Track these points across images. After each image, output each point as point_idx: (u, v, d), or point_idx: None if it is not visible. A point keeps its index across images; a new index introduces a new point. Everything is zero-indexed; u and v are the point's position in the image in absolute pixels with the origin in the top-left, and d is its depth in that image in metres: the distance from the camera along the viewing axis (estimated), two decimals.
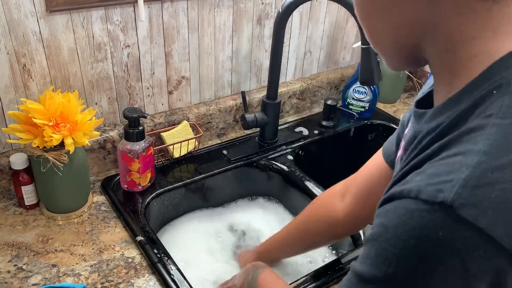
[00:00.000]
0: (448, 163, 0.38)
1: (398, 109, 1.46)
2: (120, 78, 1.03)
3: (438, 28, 0.43)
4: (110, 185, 1.03)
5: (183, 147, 1.11)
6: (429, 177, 0.38)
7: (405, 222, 0.37)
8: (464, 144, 0.38)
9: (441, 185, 0.36)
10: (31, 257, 0.85)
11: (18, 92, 0.92)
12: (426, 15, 0.43)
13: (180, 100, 1.16)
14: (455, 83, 0.43)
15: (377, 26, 0.49)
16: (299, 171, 1.13)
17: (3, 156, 0.95)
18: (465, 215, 0.35)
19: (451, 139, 0.40)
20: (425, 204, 0.37)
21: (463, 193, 0.35)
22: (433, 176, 0.38)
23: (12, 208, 0.96)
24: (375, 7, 0.47)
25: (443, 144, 0.40)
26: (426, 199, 0.37)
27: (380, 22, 0.48)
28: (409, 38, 0.46)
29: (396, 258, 0.38)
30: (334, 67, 1.46)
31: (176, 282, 0.80)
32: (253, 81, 1.27)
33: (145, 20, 1.00)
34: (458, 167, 0.37)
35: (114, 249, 0.88)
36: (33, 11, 0.86)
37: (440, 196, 0.36)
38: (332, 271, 0.85)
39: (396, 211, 0.39)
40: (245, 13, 1.15)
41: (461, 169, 0.36)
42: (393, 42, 0.48)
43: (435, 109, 0.45)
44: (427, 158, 0.41)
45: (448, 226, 0.35)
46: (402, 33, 0.46)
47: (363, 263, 0.42)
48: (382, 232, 0.40)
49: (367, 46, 1.00)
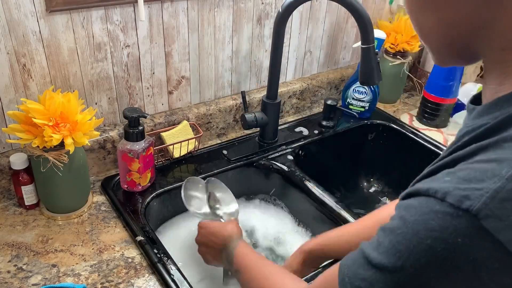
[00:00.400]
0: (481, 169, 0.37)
1: (398, 109, 1.46)
2: (120, 78, 1.03)
3: (495, 26, 0.41)
4: (110, 185, 1.03)
5: (183, 147, 1.11)
6: (459, 180, 0.37)
7: (426, 221, 0.37)
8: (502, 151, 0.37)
9: (469, 192, 0.36)
10: (31, 257, 0.85)
11: (18, 92, 0.92)
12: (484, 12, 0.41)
13: (180, 100, 1.16)
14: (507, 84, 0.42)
15: (429, 22, 0.46)
16: (299, 171, 1.13)
17: (3, 156, 0.95)
18: (488, 226, 0.35)
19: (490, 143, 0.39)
20: (450, 207, 0.36)
21: (491, 204, 0.35)
22: (463, 181, 0.37)
23: (12, 208, 0.96)
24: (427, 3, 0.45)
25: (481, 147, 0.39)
26: (452, 203, 0.36)
27: (432, 18, 0.45)
28: (463, 36, 0.44)
29: (408, 253, 0.38)
30: (334, 67, 1.46)
31: (176, 282, 0.80)
32: (253, 81, 1.27)
33: (145, 20, 1.00)
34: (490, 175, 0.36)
35: (114, 249, 0.88)
36: (33, 11, 0.86)
37: (466, 203, 0.36)
38: None
39: (419, 208, 0.39)
40: (245, 13, 1.15)
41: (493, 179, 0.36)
42: (444, 39, 0.46)
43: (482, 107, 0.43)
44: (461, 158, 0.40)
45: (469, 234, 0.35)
46: (455, 30, 0.44)
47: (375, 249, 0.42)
48: (401, 225, 0.39)
49: (367, 46, 1.00)
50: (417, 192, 0.40)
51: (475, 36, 0.43)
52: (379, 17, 1.46)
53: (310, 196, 1.07)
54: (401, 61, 1.39)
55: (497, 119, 0.40)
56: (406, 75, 1.44)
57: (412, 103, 1.50)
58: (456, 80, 1.30)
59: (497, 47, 0.42)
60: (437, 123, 1.36)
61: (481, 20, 0.42)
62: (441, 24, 0.45)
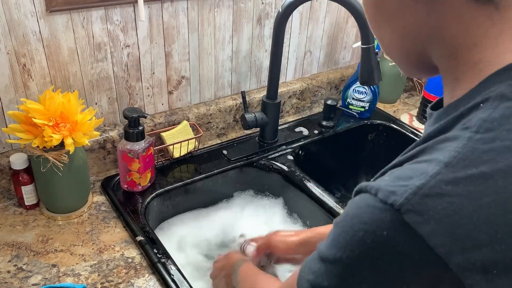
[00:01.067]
0: (412, 168, 0.40)
1: (398, 109, 1.46)
2: (120, 78, 1.03)
3: (440, 35, 0.43)
4: (110, 185, 1.03)
5: (183, 147, 1.11)
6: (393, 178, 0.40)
7: (361, 215, 0.39)
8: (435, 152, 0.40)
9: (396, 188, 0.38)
10: (31, 257, 0.85)
11: (18, 92, 0.92)
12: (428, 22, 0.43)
13: (180, 100, 1.16)
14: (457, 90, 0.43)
15: (386, 35, 0.49)
16: (299, 171, 1.13)
17: (3, 156, 0.95)
18: (409, 220, 0.37)
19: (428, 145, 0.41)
20: (380, 202, 0.38)
21: (412, 199, 0.37)
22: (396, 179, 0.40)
23: (12, 208, 0.96)
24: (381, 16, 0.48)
25: (421, 149, 0.42)
26: (381, 198, 0.38)
27: (387, 31, 0.48)
28: (415, 46, 0.46)
29: (345, 245, 0.40)
30: (334, 67, 1.46)
31: (176, 282, 0.80)
32: (253, 81, 1.27)
33: (145, 20, 1.00)
34: (418, 174, 0.38)
35: (114, 249, 0.88)
36: (33, 11, 0.86)
37: (391, 198, 0.38)
38: None
39: (358, 203, 0.41)
40: (245, 13, 1.15)
41: (420, 177, 0.38)
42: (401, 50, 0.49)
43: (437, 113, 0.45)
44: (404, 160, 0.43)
45: (393, 228, 0.37)
46: (407, 40, 0.46)
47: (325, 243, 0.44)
48: (343, 219, 0.42)
49: (367, 46, 1.00)
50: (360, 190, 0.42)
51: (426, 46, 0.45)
52: None
53: (310, 196, 1.07)
54: None
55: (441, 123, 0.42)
56: (406, 75, 1.44)
57: (412, 103, 1.50)
58: None
59: (445, 54, 0.44)
60: None
61: (428, 29, 0.44)
62: (395, 36, 0.48)
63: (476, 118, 0.39)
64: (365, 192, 0.41)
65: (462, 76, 0.43)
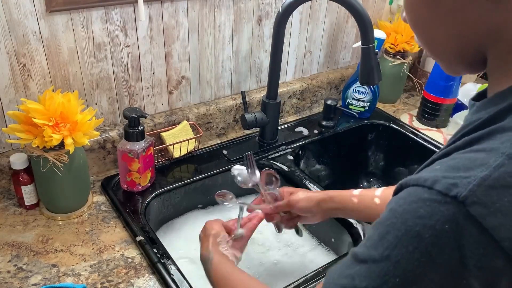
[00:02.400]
0: (470, 158, 0.38)
1: (398, 109, 1.46)
2: (120, 78, 1.03)
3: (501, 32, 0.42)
4: (110, 185, 1.03)
5: (183, 147, 1.11)
6: (448, 169, 0.38)
7: (415, 209, 0.38)
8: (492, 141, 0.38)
9: (457, 180, 0.37)
10: (31, 257, 0.85)
11: (18, 92, 0.92)
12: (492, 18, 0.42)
13: (180, 100, 1.16)
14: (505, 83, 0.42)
15: (436, 35, 0.47)
16: (299, 171, 1.13)
17: (3, 156, 0.95)
18: (474, 213, 0.36)
19: (482, 134, 0.40)
20: (438, 195, 0.37)
21: (477, 191, 0.36)
22: (452, 169, 0.38)
23: (12, 208, 0.96)
24: (434, 16, 0.45)
25: (473, 138, 0.40)
26: (440, 191, 0.37)
27: (439, 30, 0.46)
28: (472, 44, 0.45)
29: (396, 242, 0.38)
30: (334, 67, 1.46)
31: (176, 282, 0.80)
32: (253, 81, 1.27)
33: (145, 20, 1.00)
34: (478, 164, 0.37)
35: (114, 249, 0.88)
36: (33, 11, 0.86)
37: (454, 190, 0.36)
38: None
39: (408, 198, 0.39)
40: (245, 13, 1.15)
41: (481, 167, 0.37)
42: (455, 50, 0.47)
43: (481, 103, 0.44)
44: (454, 150, 0.41)
45: (456, 221, 0.36)
46: (464, 39, 0.45)
47: (363, 245, 0.42)
48: (390, 216, 0.40)
49: (367, 46, 1.00)
50: (406, 184, 0.41)
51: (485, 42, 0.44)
52: (379, 17, 1.46)
53: None
54: (401, 61, 1.39)
55: (491, 113, 0.41)
56: (406, 75, 1.44)
57: (412, 103, 1.50)
58: (456, 80, 1.30)
59: (504, 51, 0.43)
60: (437, 123, 1.36)
61: (488, 27, 0.42)
62: (451, 37, 0.45)
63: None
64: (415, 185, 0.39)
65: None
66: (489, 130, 0.40)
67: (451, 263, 0.37)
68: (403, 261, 0.38)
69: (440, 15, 0.45)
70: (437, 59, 0.50)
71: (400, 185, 0.42)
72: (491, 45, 0.44)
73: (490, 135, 0.39)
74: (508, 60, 0.43)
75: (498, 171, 0.36)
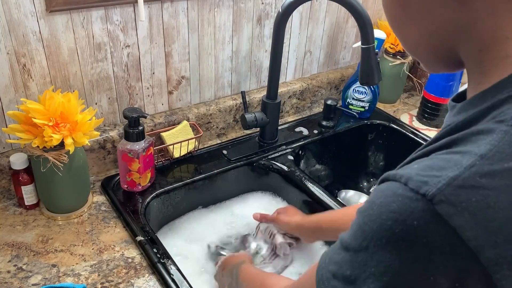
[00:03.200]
0: (445, 159, 0.39)
1: (398, 109, 1.46)
2: (120, 78, 1.03)
3: (471, 30, 0.43)
4: (110, 185, 1.03)
5: (183, 147, 1.11)
6: (424, 168, 0.39)
7: (389, 203, 0.39)
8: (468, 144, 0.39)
9: (428, 178, 0.38)
10: (31, 257, 0.85)
11: (18, 92, 0.92)
12: (459, 17, 0.43)
13: (180, 100, 1.16)
14: (484, 83, 0.43)
15: (411, 35, 0.48)
16: (299, 171, 1.13)
17: (3, 156, 0.95)
18: (441, 211, 0.36)
19: (459, 136, 0.41)
20: (411, 191, 0.38)
21: (446, 190, 0.37)
22: (427, 168, 0.39)
23: (12, 208, 0.96)
24: (406, 15, 0.47)
25: (451, 140, 0.41)
26: (412, 188, 0.38)
27: (412, 31, 0.47)
28: (444, 43, 0.46)
29: (371, 234, 0.40)
30: (334, 67, 1.46)
31: (176, 282, 0.80)
32: (253, 81, 1.27)
33: (145, 20, 1.00)
34: (451, 165, 0.38)
35: (114, 249, 0.88)
36: (33, 11, 0.86)
37: (424, 188, 0.37)
38: None
39: (384, 191, 0.40)
40: (245, 13, 1.15)
41: (453, 168, 0.37)
42: (428, 48, 0.48)
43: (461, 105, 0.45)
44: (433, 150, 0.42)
45: (424, 218, 0.37)
46: (435, 38, 0.46)
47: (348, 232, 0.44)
48: (368, 208, 0.41)
49: (367, 46, 1.00)
50: (386, 178, 0.42)
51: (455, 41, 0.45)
52: (379, 17, 1.46)
53: (310, 196, 1.07)
54: (401, 61, 1.39)
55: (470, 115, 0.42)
56: (406, 75, 1.44)
57: (412, 103, 1.50)
58: (456, 80, 1.30)
59: (475, 49, 0.44)
60: (437, 123, 1.36)
61: (457, 26, 0.43)
62: (422, 35, 0.47)
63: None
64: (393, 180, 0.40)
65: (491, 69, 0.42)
66: (467, 133, 0.40)
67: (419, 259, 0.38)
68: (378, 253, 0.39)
69: (411, 14, 0.46)
70: (415, 57, 0.51)
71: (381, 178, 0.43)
72: (462, 44, 0.44)
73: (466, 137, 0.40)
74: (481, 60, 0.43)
75: (468, 171, 0.37)
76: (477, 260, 0.36)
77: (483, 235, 0.36)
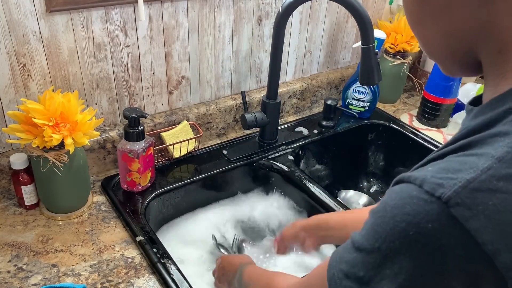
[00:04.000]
0: (460, 161, 0.39)
1: (398, 109, 1.46)
2: (120, 78, 1.03)
3: (490, 31, 0.42)
4: (110, 185, 1.03)
5: (183, 147, 1.11)
6: (439, 170, 0.39)
7: (403, 205, 0.39)
8: (484, 146, 0.39)
9: (444, 181, 0.37)
10: (31, 257, 0.85)
11: (18, 92, 0.92)
12: (479, 17, 0.42)
13: (180, 100, 1.16)
14: (502, 85, 0.42)
15: (429, 34, 0.48)
16: (299, 171, 1.13)
17: (3, 156, 0.95)
18: (457, 214, 0.36)
19: (475, 139, 0.40)
20: (425, 194, 0.38)
21: (462, 193, 0.36)
22: (442, 170, 0.39)
23: (12, 208, 0.96)
24: (425, 15, 0.46)
25: (467, 143, 0.41)
26: (427, 190, 0.38)
27: (431, 30, 0.47)
28: (462, 43, 0.45)
29: (385, 235, 0.39)
30: (334, 67, 1.46)
31: (176, 282, 0.80)
32: (253, 81, 1.27)
33: (145, 20, 1.00)
34: (467, 167, 0.37)
35: (114, 249, 0.88)
36: (33, 11, 0.86)
37: (439, 190, 0.37)
38: None
39: (399, 193, 0.40)
40: (245, 13, 1.15)
41: (469, 170, 0.37)
42: (446, 49, 0.47)
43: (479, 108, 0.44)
44: (448, 152, 0.42)
45: (439, 220, 0.36)
46: (454, 39, 0.45)
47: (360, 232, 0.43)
48: (381, 209, 0.41)
49: (367, 46, 1.00)
50: (401, 179, 0.42)
51: (474, 42, 0.44)
52: (379, 17, 1.46)
53: (310, 196, 1.07)
54: (401, 61, 1.39)
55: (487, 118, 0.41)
56: (406, 75, 1.44)
57: (412, 103, 1.50)
58: (456, 80, 1.30)
59: (494, 50, 0.43)
60: (437, 123, 1.36)
61: (477, 25, 0.43)
62: (441, 34, 0.46)
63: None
64: (408, 182, 0.40)
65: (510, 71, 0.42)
66: (482, 135, 0.40)
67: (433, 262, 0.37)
68: (391, 255, 0.39)
69: (430, 13, 0.46)
70: (433, 58, 0.51)
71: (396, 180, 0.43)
72: (481, 45, 0.44)
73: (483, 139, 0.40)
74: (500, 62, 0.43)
75: (485, 174, 0.36)
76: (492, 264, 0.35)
77: (499, 239, 0.35)
